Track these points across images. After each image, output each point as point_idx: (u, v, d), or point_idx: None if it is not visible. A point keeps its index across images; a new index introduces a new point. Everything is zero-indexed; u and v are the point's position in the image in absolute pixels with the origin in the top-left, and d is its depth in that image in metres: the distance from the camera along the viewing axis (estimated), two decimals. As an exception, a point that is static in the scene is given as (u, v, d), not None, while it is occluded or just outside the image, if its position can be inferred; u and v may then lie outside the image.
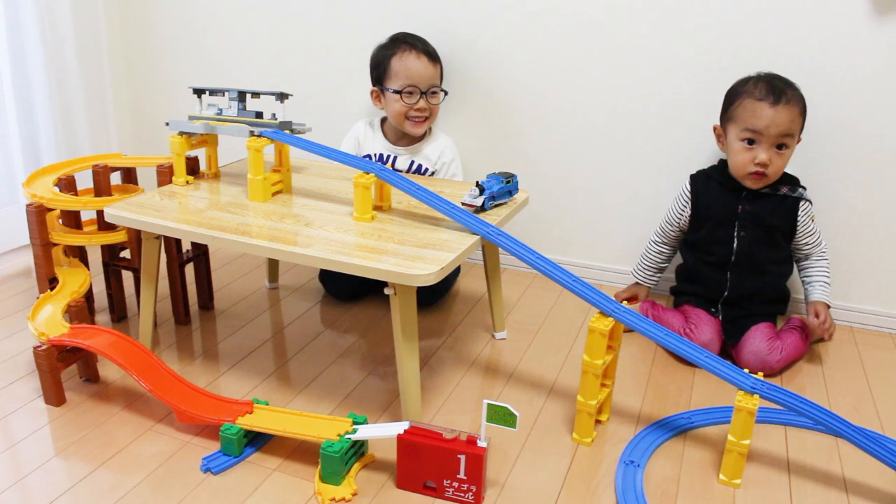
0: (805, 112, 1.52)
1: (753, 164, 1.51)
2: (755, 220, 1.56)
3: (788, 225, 1.57)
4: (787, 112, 1.48)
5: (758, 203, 1.57)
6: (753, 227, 1.57)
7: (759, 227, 1.57)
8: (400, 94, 1.75)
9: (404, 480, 1.16)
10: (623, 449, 1.26)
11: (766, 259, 1.59)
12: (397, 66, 1.75)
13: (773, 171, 1.52)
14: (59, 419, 1.33)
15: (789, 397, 1.15)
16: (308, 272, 1.97)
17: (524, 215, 1.60)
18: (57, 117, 2.03)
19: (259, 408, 1.28)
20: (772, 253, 1.59)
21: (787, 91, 1.49)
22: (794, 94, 1.50)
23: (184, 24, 2.18)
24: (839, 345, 1.66)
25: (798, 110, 1.50)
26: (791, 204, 1.56)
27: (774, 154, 1.50)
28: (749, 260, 1.58)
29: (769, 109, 1.48)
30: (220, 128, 1.51)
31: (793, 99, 1.49)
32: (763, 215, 1.56)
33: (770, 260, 1.59)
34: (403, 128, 1.80)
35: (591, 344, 1.21)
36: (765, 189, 1.56)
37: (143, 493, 1.15)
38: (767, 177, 1.52)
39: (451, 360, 1.56)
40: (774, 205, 1.56)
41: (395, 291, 1.21)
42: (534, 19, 1.80)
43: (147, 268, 1.48)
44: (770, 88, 1.49)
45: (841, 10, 1.55)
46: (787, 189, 1.56)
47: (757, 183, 1.54)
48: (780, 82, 1.51)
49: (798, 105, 1.50)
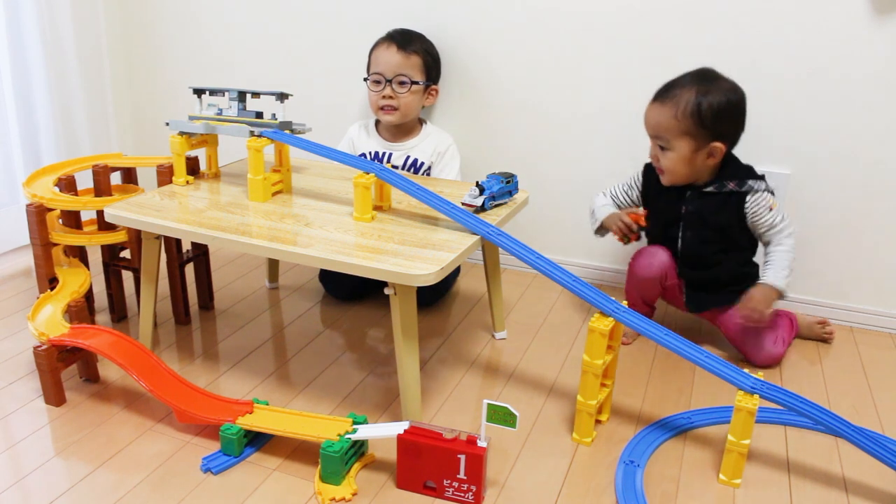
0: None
1: (654, 160, 1.53)
2: (699, 219, 1.52)
3: (736, 221, 1.50)
4: (654, 113, 1.47)
5: (701, 203, 1.51)
6: (699, 227, 1.52)
7: (705, 227, 1.52)
8: (369, 83, 1.81)
9: (404, 480, 1.16)
10: (623, 449, 1.26)
11: (715, 254, 1.53)
12: (372, 56, 1.83)
13: (666, 169, 1.49)
14: (59, 419, 1.33)
15: (789, 397, 1.15)
16: (308, 272, 1.97)
17: (524, 215, 1.60)
18: (57, 117, 2.03)
19: (259, 408, 1.28)
20: (722, 247, 1.53)
21: (666, 91, 1.46)
22: (670, 94, 1.45)
23: (184, 24, 2.18)
24: (839, 345, 1.66)
25: (670, 113, 1.44)
26: (737, 200, 1.49)
27: (661, 153, 1.49)
28: (696, 258, 1.55)
29: (649, 108, 1.49)
30: (220, 128, 1.51)
31: (668, 99, 1.45)
32: (706, 215, 1.51)
33: (720, 252, 1.53)
34: (378, 117, 1.85)
35: (591, 344, 1.21)
36: (709, 188, 1.50)
37: (143, 493, 1.15)
38: (665, 174, 1.51)
39: (451, 360, 1.55)
40: (719, 203, 1.50)
41: (395, 291, 1.21)
42: (534, 19, 1.80)
43: (147, 268, 1.48)
44: (660, 89, 1.48)
45: (841, 10, 1.55)
46: (733, 185, 1.49)
47: (663, 179, 1.52)
48: (670, 83, 1.48)
49: (672, 108, 1.44)
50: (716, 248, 1.53)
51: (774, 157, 1.68)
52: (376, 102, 1.80)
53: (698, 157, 1.47)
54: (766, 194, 1.49)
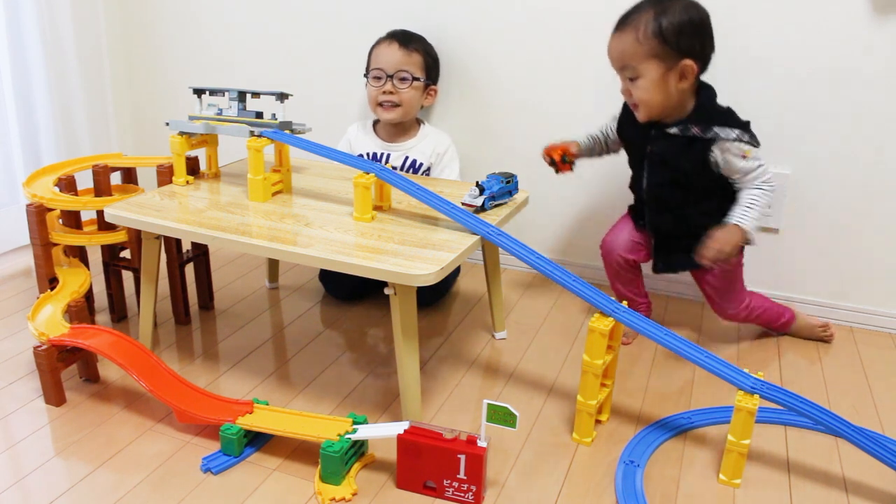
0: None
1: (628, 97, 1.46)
2: (662, 161, 1.46)
3: (700, 168, 1.43)
4: (615, 43, 1.41)
5: (665, 144, 1.45)
6: (662, 169, 1.47)
7: (667, 170, 1.46)
8: (369, 79, 1.81)
9: (404, 480, 1.16)
10: (623, 449, 1.26)
11: (680, 202, 1.48)
12: (373, 54, 1.83)
13: (640, 102, 1.42)
14: (59, 419, 1.33)
15: (789, 397, 1.15)
16: (308, 272, 1.97)
17: (524, 215, 1.60)
18: (57, 117, 2.03)
19: (259, 408, 1.28)
20: (687, 196, 1.47)
21: (624, 20, 1.40)
22: (628, 21, 1.38)
23: (184, 24, 2.18)
24: (839, 345, 1.66)
25: (631, 38, 1.37)
26: (701, 147, 1.41)
27: (631, 85, 1.41)
28: (659, 202, 1.50)
29: (610, 41, 1.42)
30: (220, 128, 1.51)
31: (627, 26, 1.38)
32: (668, 157, 1.45)
33: (687, 202, 1.48)
34: (377, 115, 1.83)
35: (591, 344, 1.21)
36: (673, 129, 1.43)
37: (143, 493, 1.15)
38: (640, 108, 1.44)
39: (451, 360, 1.56)
40: (681, 147, 1.43)
41: (395, 291, 1.21)
42: (534, 19, 1.80)
43: (147, 268, 1.48)
44: (618, 21, 1.41)
45: (841, 10, 1.55)
46: (697, 129, 1.41)
47: (639, 115, 1.45)
48: (626, 12, 1.40)
49: (633, 33, 1.37)
50: (680, 194, 1.48)
51: (774, 157, 1.68)
52: (376, 98, 1.80)
53: (670, 80, 1.39)
54: (736, 144, 1.40)
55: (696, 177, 1.45)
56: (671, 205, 1.50)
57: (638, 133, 1.49)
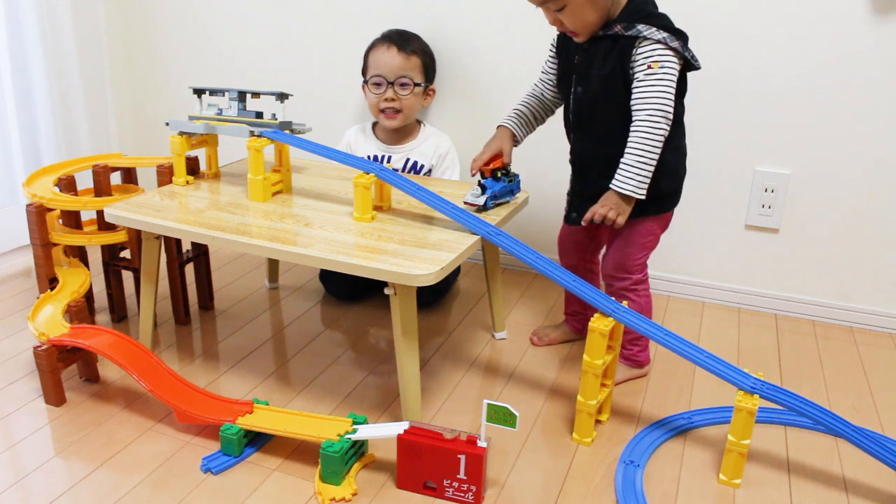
0: None
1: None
2: (586, 70, 1.31)
3: (621, 76, 1.26)
4: None
5: (593, 50, 1.30)
6: (586, 81, 1.31)
7: (590, 81, 1.31)
8: (369, 85, 1.80)
9: (404, 480, 1.16)
10: (623, 449, 1.26)
11: (610, 123, 1.31)
12: (371, 58, 1.81)
13: (574, 27, 1.28)
14: (59, 419, 1.33)
15: (789, 397, 1.15)
16: (308, 272, 1.97)
17: (524, 215, 1.60)
18: (57, 117, 2.03)
19: (259, 408, 1.28)
20: (618, 116, 1.29)
21: None
22: None
23: (184, 24, 2.18)
24: (839, 345, 1.66)
25: None
26: (624, 47, 1.25)
27: (560, 14, 1.28)
28: (585, 124, 1.35)
29: None
30: (220, 128, 1.51)
31: None
32: (592, 65, 1.30)
33: (619, 124, 1.29)
34: (379, 121, 1.83)
35: (591, 344, 1.21)
36: (600, 31, 1.28)
37: (143, 493, 1.15)
38: (578, 33, 1.30)
39: (451, 360, 1.55)
40: (606, 50, 1.27)
41: (395, 291, 1.21)
42: (534, 18, 1.79)
43: (147, 268, 1.48)
44: None
45: (841, 10, 1.55)
46: (620, 27, 1.25)
47: (579, 39, 1.31)
48: None
49: None
50: (610, 114, 1.30)
51: (774, 157, 1.68)
52: (377, 105, 1.79)
53: None
54: (653, 48, 1.23)
55: (617, 90, 1.29)
56: (602, 130, 1.33)
57: (570, 47, 1.37)
